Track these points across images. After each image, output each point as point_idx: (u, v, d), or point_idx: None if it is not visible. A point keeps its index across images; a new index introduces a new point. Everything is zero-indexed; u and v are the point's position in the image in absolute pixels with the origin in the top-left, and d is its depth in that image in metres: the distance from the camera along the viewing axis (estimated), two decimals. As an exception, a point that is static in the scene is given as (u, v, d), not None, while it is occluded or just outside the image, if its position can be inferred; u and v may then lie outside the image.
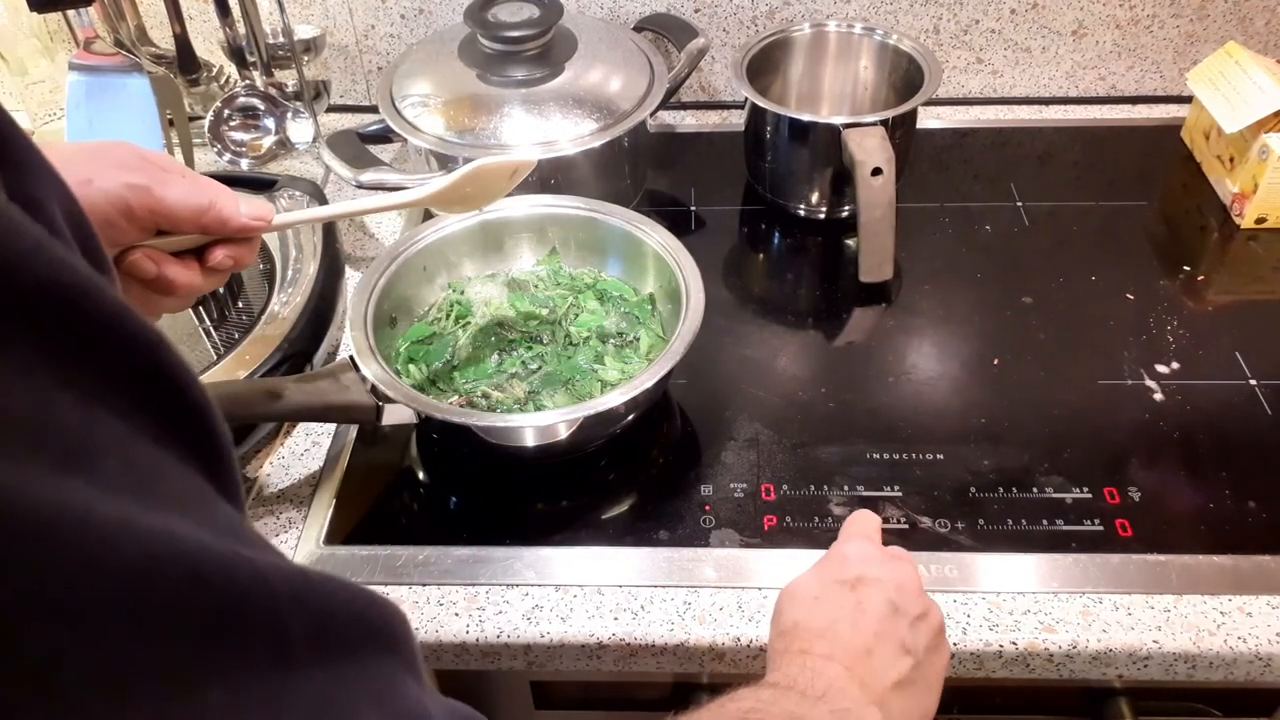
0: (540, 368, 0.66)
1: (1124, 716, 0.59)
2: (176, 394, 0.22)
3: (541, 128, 0.79)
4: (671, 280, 0.67)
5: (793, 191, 0.86)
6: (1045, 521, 0.60)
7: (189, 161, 0.90)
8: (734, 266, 0.83)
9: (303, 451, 0.67)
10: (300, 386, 0.59)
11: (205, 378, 0.65)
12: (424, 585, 0.58)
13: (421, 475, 0.66)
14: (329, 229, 0.78)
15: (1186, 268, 0.79)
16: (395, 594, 0.58)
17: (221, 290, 0.74)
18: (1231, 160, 0.84)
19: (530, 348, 0.68)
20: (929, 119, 0.97)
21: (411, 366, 0.67)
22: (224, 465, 0.24)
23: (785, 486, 0.63)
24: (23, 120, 1.02)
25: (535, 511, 0.63)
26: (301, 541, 0.62)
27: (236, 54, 0.89)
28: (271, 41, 0.89)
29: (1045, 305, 0.76)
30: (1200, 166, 0.89)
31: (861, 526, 0.52)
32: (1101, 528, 0.59)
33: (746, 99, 0.83)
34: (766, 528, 0.60)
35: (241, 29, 0.86)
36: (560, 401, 0.63)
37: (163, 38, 0.94)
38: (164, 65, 0.92)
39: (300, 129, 0.90)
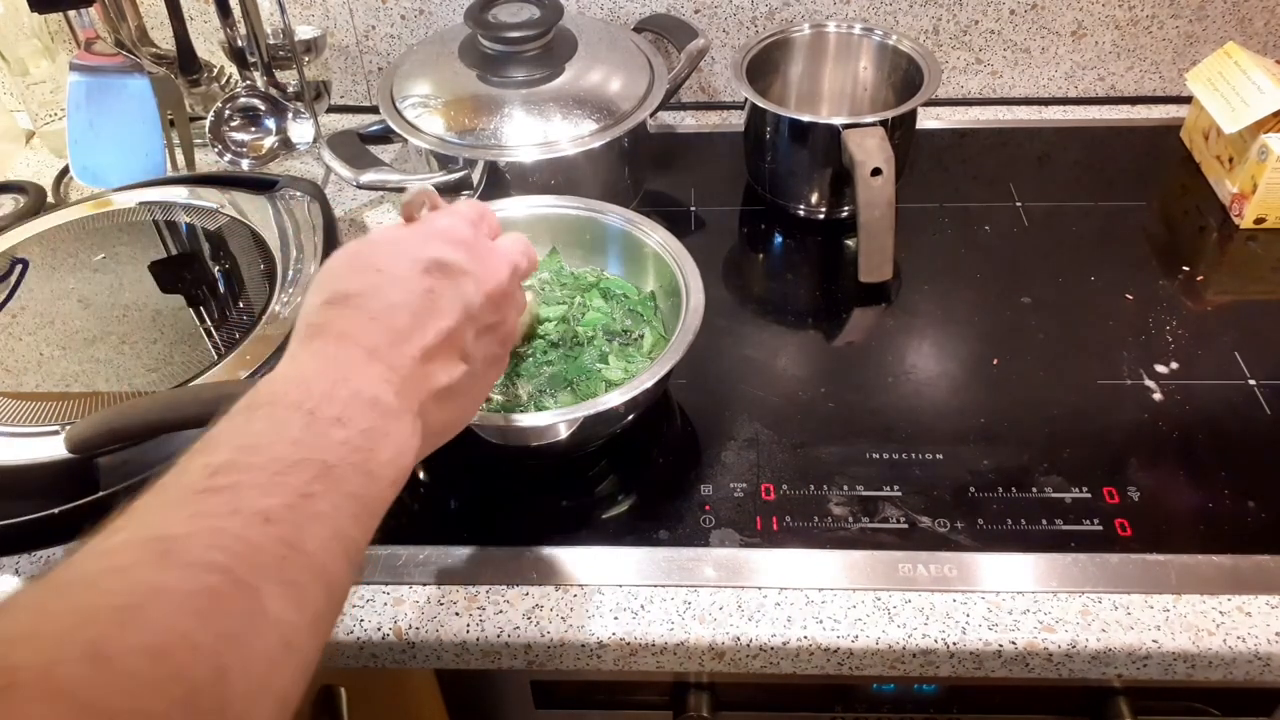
0: (546, 369, 0.66)
1: (1123, 716, 0.60)
2: None
3: (541, 128, 0.79)
4: (671, 280, 0.67)
5: (792, 192, 0.86)
6: (1044, 521, 0.60)
7: (189, 162, 0.91)
8: (734, 266, 0.83)
9: (303, 451, 0.67)
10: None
11: (205, 378, 0.65)
12: (424, 585, 0.59)
13: (421, 475, 0.67)
14: (329, 229, 0.78)
15: (1186, 268, 0.79)
16: (395, 594, 0.58)
17: (222, 290, 0.75)
18: (1231, 161, 0.84)
19: (536, 349, 0.68)
20: (928, 119, 0.97)
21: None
22: None
23: (785, 486, 0.63)
24: (23, 121, 1.02)
25: (535, 511, 0.63)
26: (302, 541, 0.62)
27: (237, 54, 0.89)
28: (272, 42, 0.89)
29: (1044, 305, 0.76)
30: (1199, 167, 0.89)
31: (468, 212, 0.46)
32: (1101, 527, 0.59)
33: (746, 99, 0.83)
34: (766, 527, 0.61)
35: (242, 29, 0.87)
36: (564, 402, 0.63)
37: (163, 38, 0.94)
38: (165, 66, 0.92)
39: (301, 129, 0.90)
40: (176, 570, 0.29)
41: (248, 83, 0.90)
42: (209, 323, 0.71)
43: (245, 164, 0.90)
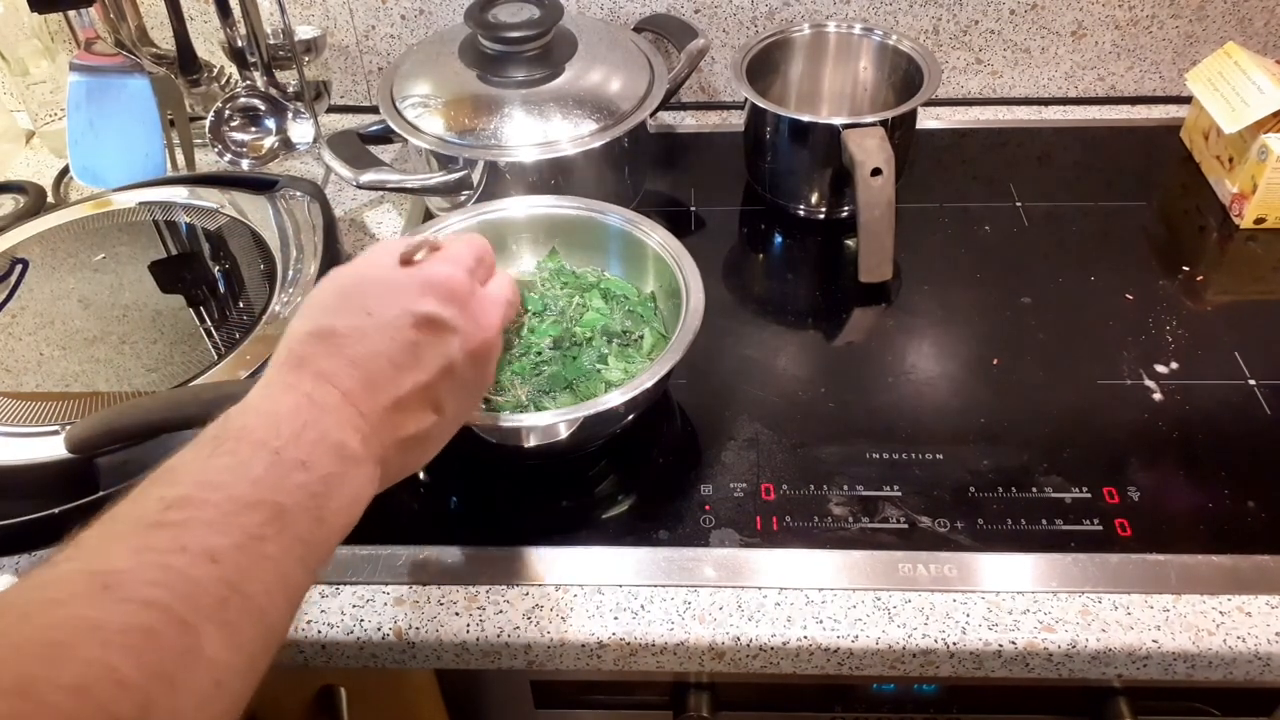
0: (545, 369, 0.66)
1: (1123, 716, 0.60)
2: None
3: (541, 128, 0.79)
4: (671, 280, 0.67)
5: (792, 192, 0.86)
6: (1044, 521, 0.60)
7: (189, 162, 0.91)
8: (734, 266, 0.83)
9: (303, 451, 0.67)
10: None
11: (205, 378, 0.65)
12: (424, 585, 0.59)
13: (421, 475, 0.67)
14: (329, 229, 0.78)
15: (1186, 268, 0.79)
16: (395, 594, 0.58)
17: (222, 290, 0.75)
18: (1231, 161, 0.84)
19: (537, 350, 0.68)
20: (928, 119, 0.97)
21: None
22: None
23: (785, 486, 0.63)
24: (23, 121, 1.02)
25: (535, 511, 0.63)
26: (302, 541, 0.62)
27: (237, 55, 0.89)
28: (272, 42, 0.89)
29: (1044, 305, 0.76)
30: (1199, 167, 0.89)
31: (466, 257, 0.45)
32: (1101, 527, 0.60)
33: (746, 99, 0.83)
34: (766, 527, 0.61)
35: (242, 29, 0.87)
36: (564, 402, 0.63)
37: (163, 38, 0.94)
38: (165, 66, 0.92)
39: (301, 129, 0.90)
40: (114, 605, 0.29)
41: (248, 83, 0.90)
42: (209, 323, 0.71)
43: (245, 164, 0.90)
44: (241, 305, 0.72)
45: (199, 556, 0.31)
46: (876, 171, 0.73)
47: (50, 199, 0.92)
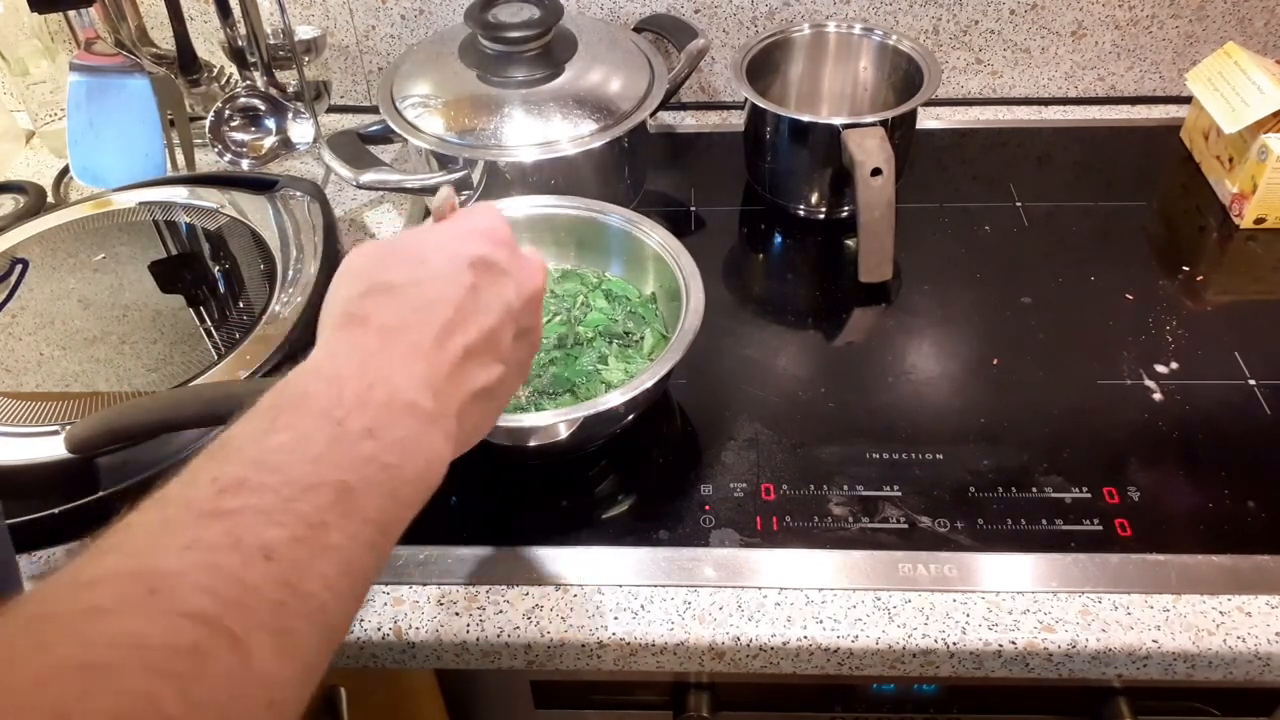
0: (549, 369, 0.66)
1: (1123, 716, 0.60)
2: None
3: (541, 128, 0.79)
4: (672, 280, 0.67)
5: (793, 192, 0.86)
6: (1044, 521, 0.60)
7: (189, 162, 0.91)
8: (734, 266, 0.83)
9: (303, 451, 0.67)
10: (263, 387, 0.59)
11: (205, 378, 0.65)
12: (424, 585, 0.59)
13: (422, 475, 0.66)
14: (329, 229, 0.78)
15: (1186, 268, 0.79)
16: (395, 594, 0.58)
17: (222, 290, 0.75)
18: (1231, 161, 0.84)
19: (544, 349, 0.67)
20: (928, 119, 0.97)
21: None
22: None
23: (785, 486, 0.63)
24: (23, 121, 1.02)
25: (535, 511, 0.63)
26: (302, 541, 0.62)
27: (237, 55, 0.89)
28: (272, 42, 0.89)
29: (1044, 305, 0.76)
30: (1199, 167, 0.89)
31: (493, 209, 0.44)
32: (1101, 527, 0.60)
33: (746, 99, 0.83)
34: (766, 527, 0.61)
35: (242, 29, 0.87)
36: (564, 403, 0.63)
37: (163, 38, 0.94)
38: (165, 66, 0.92)
39: (301, 129, 0.90)
40: (160, 618, 0.27)
41: (248, 83, 0.90)
42: (209, 323, 0.71)
43: (245, 164, 0.90)
44: (241, 305, 0.71)
45: (253, 554, 0.29)
46: (876, 171, 0.73)
47: (50, 199, 0.92)
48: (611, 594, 0.58)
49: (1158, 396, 0.68)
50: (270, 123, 0.91)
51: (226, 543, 0.29)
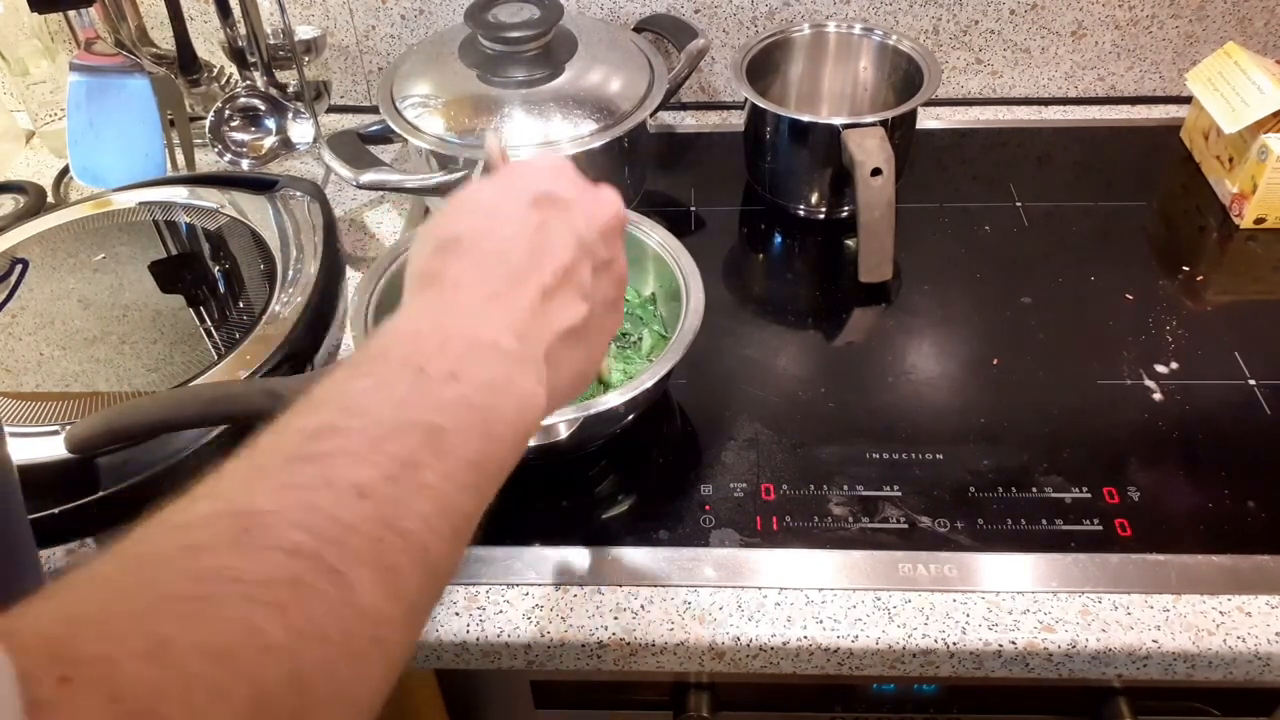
0: None
1: (1123, 716, 0.60)
2: None
3: (541, 128, 0.79)
4: (672, 281, 0.67)
5: (793, 192, 0.86)
6: (1044, 521, 0.60)
7: (189, 162, 0.91)
8: (734, 266, 0.83)
9: (303, 451, 0.67)
10: (301, 387, 0.59)
11: (205, 378, 0.65)
12: (424, 585, 0.58)
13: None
14: (329, 229, 0.78)
15: (1186, 268, 0.79)
16: (396, 594, 0.58)
17: (222, 290, 0.75)
18: (1231, 161, 0.84)
19: None
20: (928, 119, 0.97)
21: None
22: None
23: (785, 486, 0.63)
24: (23, 121, 1.02)
25: (535, 511, 0.63)
26: (302, 541, 0.62)
27: (237, 55, 0.89)
28: (272, 42, 0.89)
29: (1045, 305, 0.76)
30: (1199, 167, 0.89)
31: (548, 156, 0.43)
32: (1101, 527, 0.60)
33: (746, 99, 0.83)
34: (766, 527, 0.61)
35: (242, 29, 0.87)
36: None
37: (163, 38, 0.94)
38: (165, 66, 0.92)
39: (301, 129, 0.90)
40: (256, 554, 0.26)
41: (248, 83, 0.90)
42: (209, 323, 0.71)
43: (245, 164, 0.90)
44: (241, 305, 0.71)
45: (346, 492, 0.28)
46: (876, 171, 0.73)
47: (50, 199, 0.92)
48: (611, 594, 0.58)
49: (1158, 396, 0.68)
50: (270, 123, 0.91)
51: (319, 483, 0.28)
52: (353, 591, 0.27)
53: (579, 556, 0.60)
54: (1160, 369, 0.70)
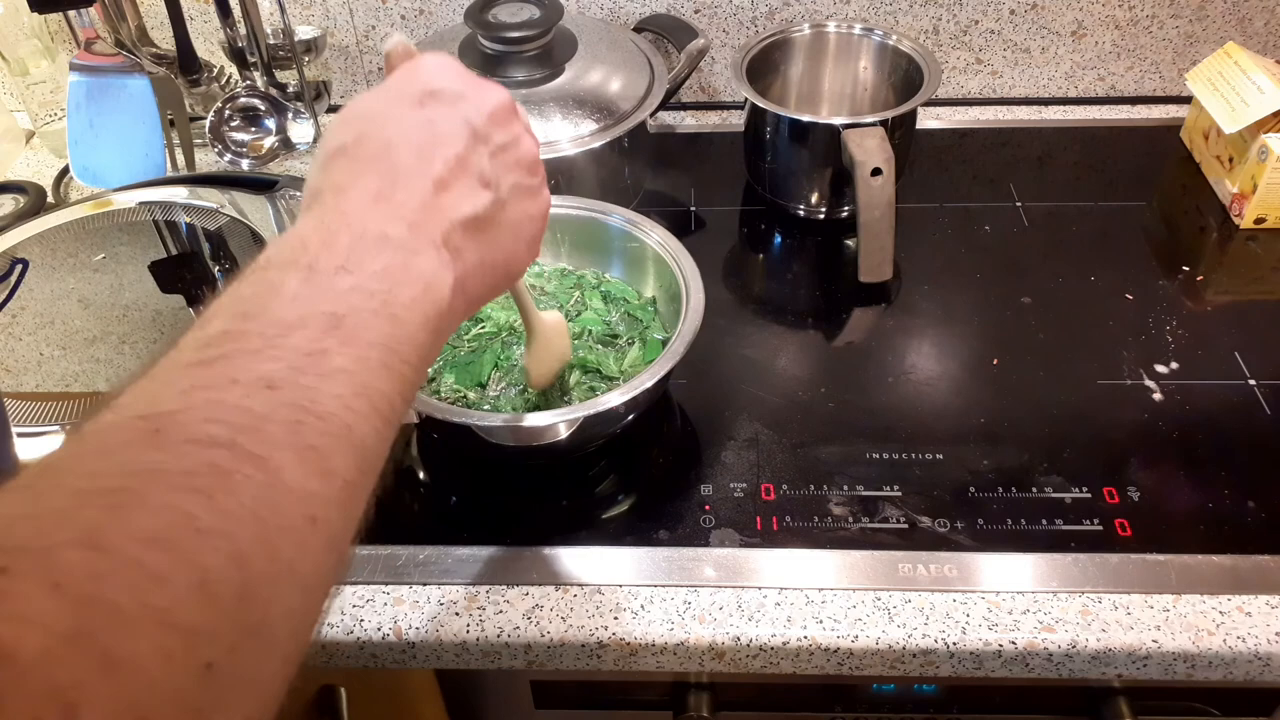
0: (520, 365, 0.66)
1: (1123, 716, 0.60)
2: None
3: (541, 128, 0.79)
4: (672, 281, 0.67)
5: (793, 192, 0.86)
6: (1044, 521, 0.60)
7: (189, 162, 0.91)
8: (734, 266, 0.83)
9: (303, 451, 0.67)
10: None
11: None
12: (424, 585, 0.59)
13: (421, 475, 0.67)
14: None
15: (1186, 268, 0.79)
16: (395, 594, 0.58)
17: (222, 290, 0.75)
18: (1231, 161, 0.84)
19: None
20: (928, 119, 0.97)
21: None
22: None
23: (785, 486, 0.63)
24: (23, 121, 1.02)
25: (535, 511, 0.63)
26: (302, 541, 0.62)
27: (237, 55, 0.89)
28: (272, 42, 0.89)
29: (1045, 305, 0.76)
30: (1199, 167, 0.89)
31: (434, 55, 0.43)
32: (1101, 527, 0.59)
33: (746, 99, 0.83)
34: (766, 527, 0.61)
35: (242, 29, 0.87)
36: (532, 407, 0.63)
37: (163, 38, 0.94)
38: (165, 66, 0.92)
39: (301, 129, 0.90)
40: (172, 448, 0.26)
41: (248, 83, 0.90)
42: (209, 323, 0.71)
43: (245, 164, 0.90)
44: (241, 305, 0.71)
45: (253, 386, 0.28)
46: (876, 171, 0.73)
47: (50, 199, 0.92)
48: (611, 594, 0.58)
49: (1158, 396, 0.68)
50: (270, 123, 0.91)
51: (223, 382, 0.28)
52: (279, 474, 0.27)
53: (579, 556, 0.60)
54: (1160, 369, 0.70)
